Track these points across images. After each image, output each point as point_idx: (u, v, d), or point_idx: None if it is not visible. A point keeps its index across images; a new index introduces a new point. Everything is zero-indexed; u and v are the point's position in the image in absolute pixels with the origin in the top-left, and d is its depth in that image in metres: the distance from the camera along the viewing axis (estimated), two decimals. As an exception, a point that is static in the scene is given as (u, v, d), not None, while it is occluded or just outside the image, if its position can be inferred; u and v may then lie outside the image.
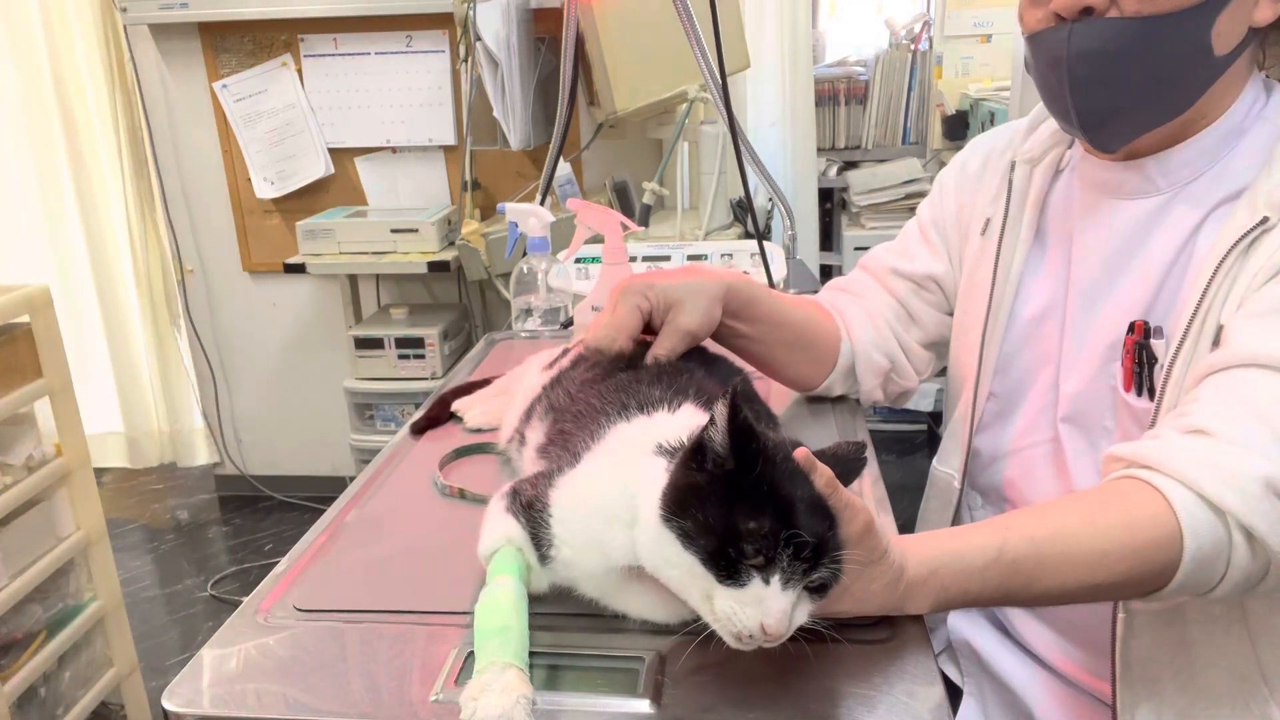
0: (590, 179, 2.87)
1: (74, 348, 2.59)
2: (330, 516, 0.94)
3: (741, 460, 0.64)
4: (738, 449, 0.64)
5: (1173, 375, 0.83)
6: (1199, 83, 0.86)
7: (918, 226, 1.16)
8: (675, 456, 0.69)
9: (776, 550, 0.62)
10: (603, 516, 0.70)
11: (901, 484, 2.76)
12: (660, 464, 0.69)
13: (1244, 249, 0.81)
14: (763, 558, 0.62)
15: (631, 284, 0.99)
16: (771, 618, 0.62)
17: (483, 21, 2.45)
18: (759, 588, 0.62)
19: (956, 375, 1.11)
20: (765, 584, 0.62)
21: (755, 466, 0.64)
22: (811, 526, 0.64)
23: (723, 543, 0.62)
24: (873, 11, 3.68)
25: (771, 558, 0.62)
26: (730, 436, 0.64)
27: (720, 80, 1.65)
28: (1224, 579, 0.73)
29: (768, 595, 0.62)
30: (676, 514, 0.64)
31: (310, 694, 0.68)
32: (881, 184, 3.27)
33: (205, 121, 2.94)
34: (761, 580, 0.62)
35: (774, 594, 0.62)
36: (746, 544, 0.62)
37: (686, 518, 0.64)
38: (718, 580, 0.63)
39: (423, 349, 2.73)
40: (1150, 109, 0.87)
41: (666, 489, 0.66)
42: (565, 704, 0.66)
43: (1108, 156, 0.94)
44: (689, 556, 0.63)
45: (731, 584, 0.62)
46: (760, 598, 0.62)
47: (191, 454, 3.32)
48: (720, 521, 0.63)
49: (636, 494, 0.68)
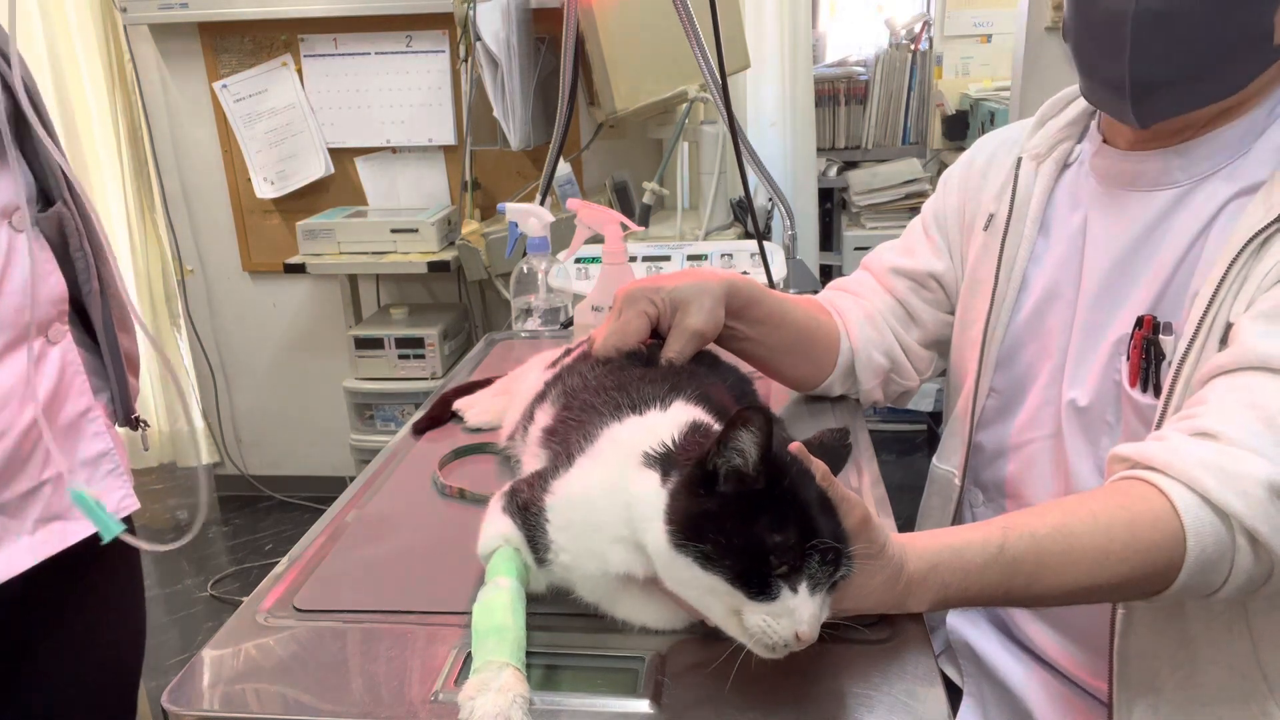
0: (590, 179, 2.87)
1: (74, 348, 2.59)
2: (330, 516, 0.94)
3: (769, 479, 0.64)
4: (770, 472, 0.63)
5: (1181, 373, 0.83)
6: (1251, 67, 0.85)
7: (921, 223, 1.16)
8: (664, 466, 0.68)
9: (804, 558, 0.62)
10: (598, 529, 0.70)
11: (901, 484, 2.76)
12: (652, 478, 0.68)
13: (1257, 247, 0.80)
14: (788, 566, 0.62)
15: (637, 289, 0.99)
16: (805, 625, 0.61)
17: (483, 21, 2.45)
18: (789, 598, 0.62)
19: (958, 371, 1.11)
20: (794, 592, 0.62)
21: (780, 482, 0.64)
22: (830, 528, 0.64)
23: (750, 561, 0.62)
24: (873, 11, 3.68)
25: (798, 566, 0.62)
26: (764, 464, 0.63)
27: (720, 80, 1.65)
28: (1227, 582, 0.73)
29: (799, 604, 0.62)
30: (694, 539, 0.63)
31: (310, 694, 0.68)
32: (881, 184, 3.28)
33: (205, 121, 2.95)
34: (790, 589, 0.62)
35: (804, 601, 0.62)
36: (773, 556, 0.61)
37: (706, 542, 0.63)
38: (748, 597, 0.62)
39: (423, 349, 2.73)
40: (1201, 85, 0.86)
41: (678, 517, 0.64)
42: (565, 704, 0.66)
43: (1127, 146, 0.94)
44: (712, 578, 0.63)
45: (763, 599, 0.62)
46: (792, 608, 0.62)
47: (191, 454, 3.32)
48: (744, 540, 0.62)
49: (630, 507, 0.67)
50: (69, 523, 1.02)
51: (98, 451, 1.05)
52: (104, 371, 1.08)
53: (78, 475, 1.03)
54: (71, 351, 1.03)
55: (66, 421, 1.02)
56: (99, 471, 1.05)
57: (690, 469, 0.66)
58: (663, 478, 0.67)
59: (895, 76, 3.36)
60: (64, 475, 1.01)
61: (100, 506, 0.93)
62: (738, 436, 0.63)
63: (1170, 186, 0.91)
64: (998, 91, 3.12)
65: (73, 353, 1.03)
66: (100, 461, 1.05)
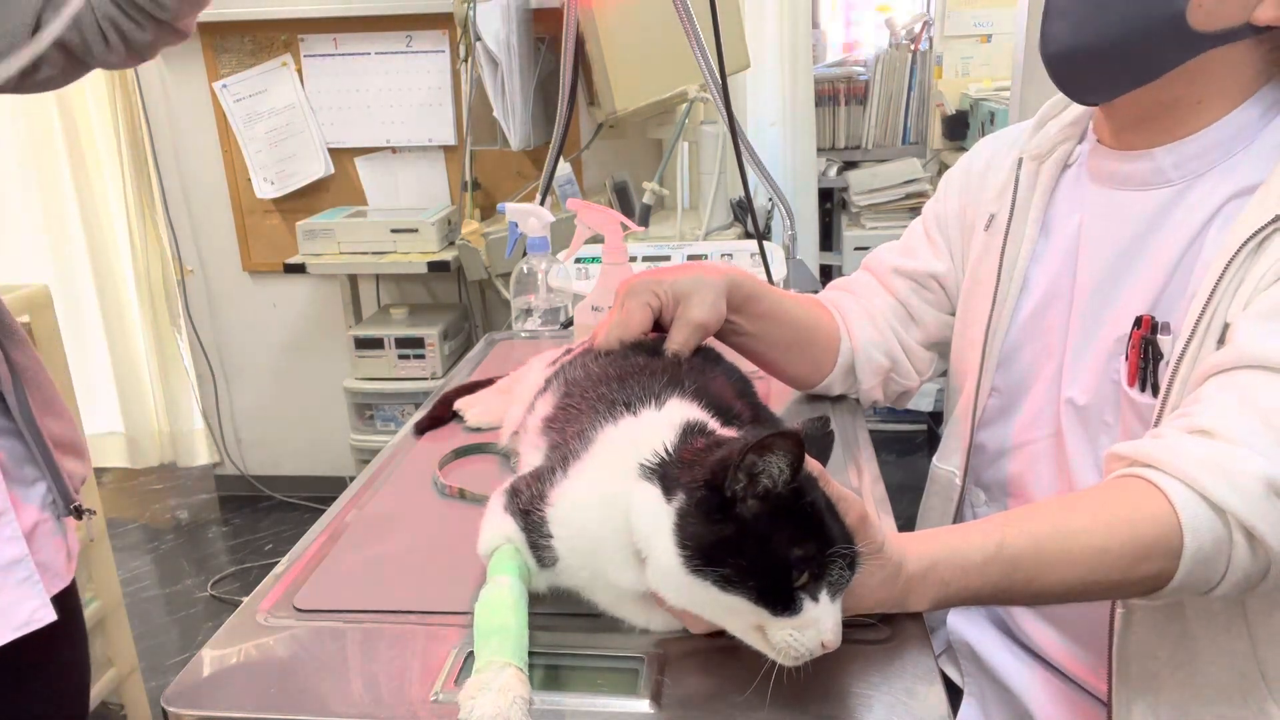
0: (590, 179, 2.87)
1: (74, 348, 2.59)
2: (330, 516, 0.94)
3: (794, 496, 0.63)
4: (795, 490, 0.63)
5: (1179, 373, 0.83)
6: (1170, 52, 0.86)
7: (922, 224, 1.17)
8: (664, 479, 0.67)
9: (824, 566, 0.62)
10: (599, 544, 0.69)
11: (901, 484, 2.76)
12: (652, 492, 0.67)
13: (1254, 247, 0.80)
14: (809, 576, 0.61)
15: (639, 281, 0.99)
16: (829, 634, 0.62)
17: (483, 21, 2.45)
18: (811, 609, 0.61)
19: (958, 372, 1.11)
20: (815, 602, 0.62)
21: (801, 498, 0.63)
22: (841, 531, 0.64)
23: (773, 579, 0.61)
24: (873, 11, 3.68)
25: (819, 574, 0.62)
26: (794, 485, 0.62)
27: (720, 80, 1.65)
28: (1224, 578, 0.73)
29: (821, 614, 0.62)
30: (712, 564, 0.62)
31: (310, 694, 0.68)
32: (881, 184, 3.28)
33: (205, 121, 2.94)
34: (811, 599, 0.62)
35: (825, 610, 0.62)
36: (795, 570, 0.61)
37: (726, 566, 0.62)
38: (772, 615, 0.62)
39: (423, 349, 2.73)
40: (1116, 64, 0.88)
41: (693, 542, 0.63)
42: (565, 704, 0.66)
43: (1119, 145, 0.94)
44: (734, 598, 0.62)
45: (788, 614, 0.61)
46: (816, 618, 0.61)
47: (191, 454, 3.32)
48: (767, 560, 0.61)
49: (631, 521, 0.67)
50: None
51: (9, 559, 0.97)
52: (35, 460, 1.02)
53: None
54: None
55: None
56: (9, 580, 0.97)
57: (703, 492, 0.64)
58: (664, 492, 0.66)
59: (895, 76, 3.36)
60: None
61: None
62: (769, 461, 0.62)
63: (1164, 186, 0.91)
64: (998, 91, 3.12)
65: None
66: (11, 569, 0.98)
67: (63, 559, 1.05)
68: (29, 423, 1.01)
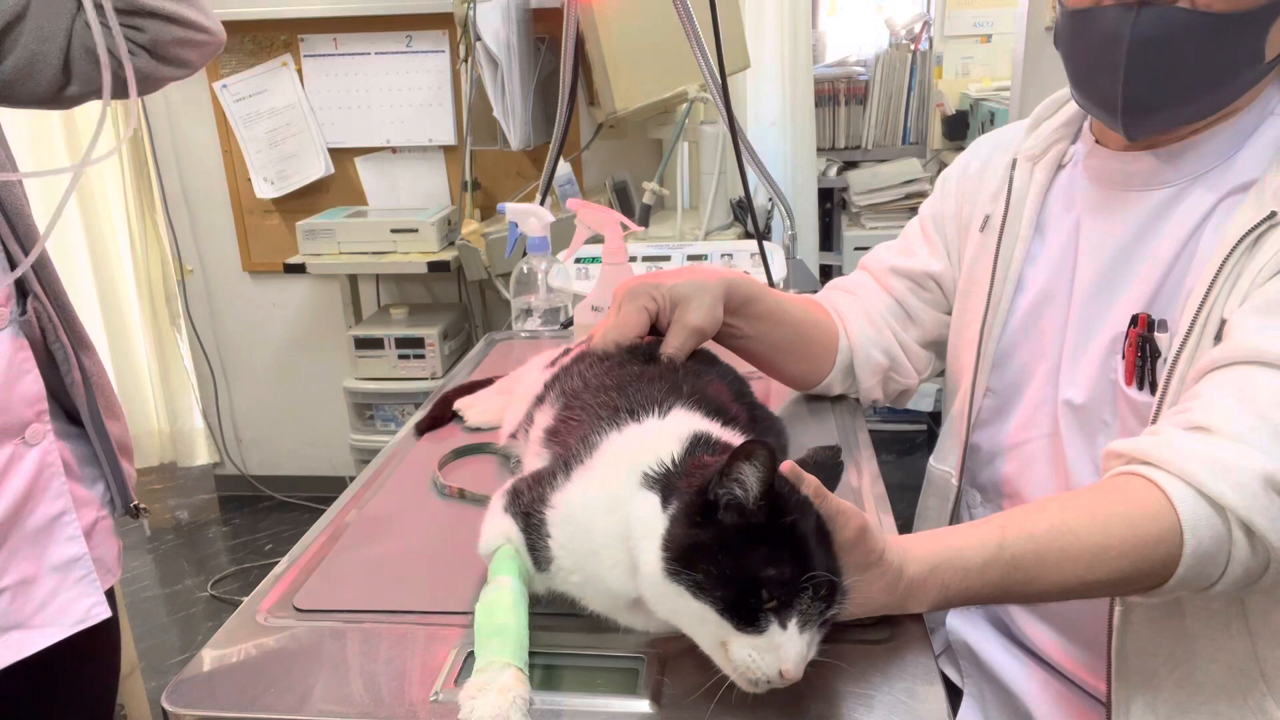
0: (590, 179, 2.87)
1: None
2: (330, 516, 0.94)
3: (770, 513, 0.63)
4: (771, 506, 0.62)
5: (1177, 370, 0.83)
6: (1243, 85, 0.86)
7: (919, 224, 1.17)
8: (665, 489, 0.67)
9: (796, 594, 0.61)
10: (598, 552, 0.69)
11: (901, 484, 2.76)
12: (652, 501, 0.67)
13: (1250, 243, 0.81)
14: (779, 601, 0.61)
15: (636, 285, 0.99)
16: (789, 663, 0.60)
17: (483, 21, 2.45)
18: (776, 633, 0.61)
19: (954, 372, 1.11)
20: (782, 629, 0.61)
21: (780, 516, 0.63)
22: (826, 562, 0.63)
23: (741, 593, 0.61)
24: (873, 11, 3.68)
25: (789, 601, 0.61)
26: (766, 499, 0.62)
27: (720, 80, 1.65)
28: (1224, 575, 0.74)
29: (785, 641, 0.61)
30: (687, 568, 0.62)
31: (310, 694, 0.68)
32: (881, 184, 3.28)
33: (205, 121, 2.95)
34: (779, 625, 0.61)
35: (791, 639, 0.61)
36: (765, 590, 0.60)
37: (699, 571, 0.62)
38: (735, 629, 0.61)
39: (423, 349, 2.73)
40: (1194, 105, 0.87)
41: (672, 544, 0.63)
42: (565, 704, 0.66)
43: (1119, 147, 0.94)
44: (703, 607, 0.62)
45: (751, 631, 0.61)
46: (778, 644, 0.61)
47: (191, 454, 3.32)
48: (737, 571, 0.61)
49: (630, 530, 0.67)
50: (29, 632, 0.98)
51: (69, 557, 1.01)
52: (96, 460, 1.06)
53: (45, 582, 1.00)
54: (52, 454, 0.99)
55: (36, 526, 0.99)
56: (68, 579, 1.01)
57: (690, 496, 0.65)
58: (663, 502, 0.66)
59: (895, 76, 3.36)
60: (26, 582, 0.97)
61: None
62: (739, 469, 0.62)
63: (1162, 186, 0.91)
64: (998, 91, 3.12)
65: (53, 454, 1.00)
66: (71, 568, 1.01)
67: (115, 555, 1.09)
68: (98, 427, 1.06)
